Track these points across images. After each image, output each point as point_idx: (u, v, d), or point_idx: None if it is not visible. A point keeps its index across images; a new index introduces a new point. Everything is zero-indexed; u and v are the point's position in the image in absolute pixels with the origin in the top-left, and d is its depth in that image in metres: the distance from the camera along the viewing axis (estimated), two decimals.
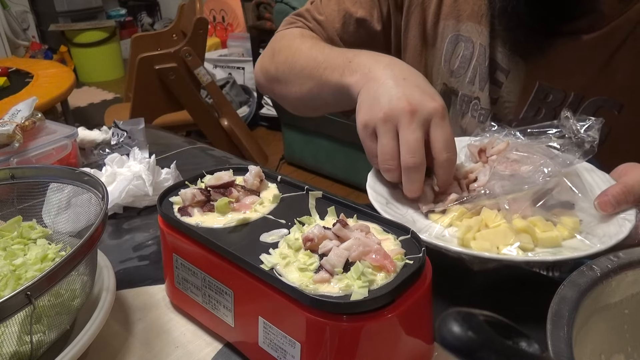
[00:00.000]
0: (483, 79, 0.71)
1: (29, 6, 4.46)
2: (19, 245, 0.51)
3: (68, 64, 4.22)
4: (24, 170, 0.55)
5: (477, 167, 0.60)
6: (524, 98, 0.69)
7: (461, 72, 0.74)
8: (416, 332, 0.40)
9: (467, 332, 0.22)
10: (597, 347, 0.36)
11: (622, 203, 0.50)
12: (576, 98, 0.65)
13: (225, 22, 3.98)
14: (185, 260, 0.47)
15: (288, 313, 0.38)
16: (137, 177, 0.71)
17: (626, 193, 0.50)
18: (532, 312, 0.40)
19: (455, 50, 0.74)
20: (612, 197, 0.50)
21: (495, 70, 0.71)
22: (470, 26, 0.71)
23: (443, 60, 0.75)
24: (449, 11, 0.73)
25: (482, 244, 0.48)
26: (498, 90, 0.71)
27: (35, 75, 2.42)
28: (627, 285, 0.37)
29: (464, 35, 0.72)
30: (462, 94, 0.75)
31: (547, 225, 0.51)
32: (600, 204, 0.50)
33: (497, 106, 0.72)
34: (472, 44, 0.72)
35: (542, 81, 0.67)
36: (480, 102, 0.72)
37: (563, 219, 0.51)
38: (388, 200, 0.57)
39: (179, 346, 0.48)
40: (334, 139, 2.39)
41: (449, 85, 0.76)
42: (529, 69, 0.68)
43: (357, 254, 0.39)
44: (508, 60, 0.69)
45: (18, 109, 0.79)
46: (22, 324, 0.39)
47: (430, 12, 0.75)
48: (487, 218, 0.52)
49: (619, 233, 0.47)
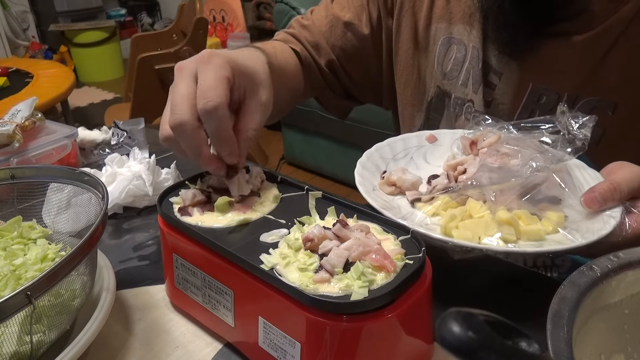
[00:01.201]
0: (477, 82, 0.71)
1: (29, 6, 4.46)
2: (19, 245, 0.51)
3: (68, 64, 4.22)
4: (24, 170, 0.55)
5: (468, 159, 0.60)
6: (518, 100, 0.69)
7: (454, 74, 0.74)
8: (416, 332, 0.40)
9: (467, 332, 0.22)
10: (597, 347, 0.36)
11: (609, 200, 0.49)
12: (570, 99, 0.65)
13: (225, 22, 3.98)
14: (185, 260, 0.47)
15: (288, 313, 0.38)
16: (137, 177, 0.71)
17: (612, 190, 0.49)
18: (532, 312, 0.40)
19: (448, 52, 0.74)
20: (598, 194, 0.50)
21: (488, 73, 0.71)
22: (462, 28, 0.71)
23: (436, 62, 0.75)
24: (440, 14, 0.73)
25: (464, 233, 0.48)
26: (492, 93, 0.71)
27: (35, 75, 2.42)
28: (627, 285, 0.37)
29: (456, 38, 0.72)
30: (455, 97, 0.75)
31: (531, 219, 0.51)
32: (586, 200, 0.50)
33: (491, 108, 0.71)
34: (464, 47, 0.72)
35: (535, 83, 0.67)
36: (474, 105, 0.72)
37: (548, 213, 0.51)
38: (375, 187, 0.58)
39: (179, 346, 0.48)
40: (334, 139, 2.39)
41: (442, 87, 0.76)
42: (521, 71, 0.68)
43: (357, 254, 0.39)
44: (501, 62, 0.69)
45: (18, 109, 0.79)
46: (22, 324, 0.39)
47: (422, 16, 0.75)
48: (471, 208, 0.52)
49: (602, 229, 0.47)
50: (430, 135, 0.67)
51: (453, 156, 0.63)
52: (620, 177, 0.51)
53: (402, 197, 0.57)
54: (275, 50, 0.76)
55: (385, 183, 0.58)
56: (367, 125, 2.10)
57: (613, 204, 0.50)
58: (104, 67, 4.47)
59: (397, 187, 0.58)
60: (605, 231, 0.47)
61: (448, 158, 0.63)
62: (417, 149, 0.66)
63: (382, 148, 0.64)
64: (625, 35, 0.61)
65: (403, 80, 0.79)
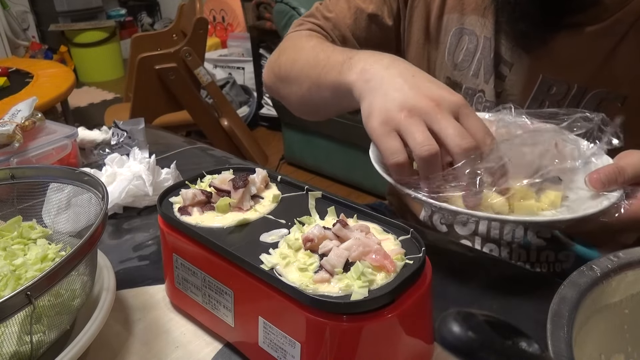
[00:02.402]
0: (488, 72, 0.72)
1: (29, 6, 4.45)
2: (19, 245, 0.51)
3: (68, 64, 4.22)
4: (24, 170, 0.55)
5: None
6: (528, 91, 0.69)
7: (465, 65, 0.74)
8: (416, 332, 0.40)
9: (467, 332, 0.22)
10: (597, 347, 0.36)
11: (612, 182, 0.50)
12: (579, 91, 0.66)
13: (225, 22, 3.98)
14: (185, 260, 0.47)
15: (288, 313, 0.38)
16: (137, 177, 0.71)
17: (617, 173, 0.50)
18: (532, 312, 0.40)
19: (460, 43, 0.74)
20: (603, 175, 0.50)
21: (499, 64, 0.71)
22: (474, 19, 0.72)
23: (447, 53, 0.76)
24: (453, 5, 0.74)
25: (455, 200, 0.50)
26: (502, 84, 0.72)
27: (35, 75, 2.42)
28: (627, 285, 0.37)
29: (468, 29, 0.73)
30: (465, 87, 0.75)
31: (527, 195, 0.51)
32: (590, 180, 0.51)
33: (500, 99, 0.72)
34: (475, 37, 0.72)
35: (545, 74, 0.68)
36: (485, 95, 0.73)
37: (547, 192, 0.52)
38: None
39: (179, 346, 0.48)
40: (334, 139, 2.39)
41: (452, 78, 0.76)
42: (532, 62, 0.68)
43: (357, 254, 0.39)
44: (511, 53, 0.70)
45: (18, 109, 0.79)
46: (22, 324, 0.39)
47: (435, 6, 0.75)
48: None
49: (589, 208, 0.48)
50: None
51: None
52: (626, 161, 0.51)
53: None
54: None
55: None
56: None
57: (616, 187, 0.50)
58: (104, 67, 4.46)
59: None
60: (592, 210, 0.47)
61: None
62: None
63: None
64: (635, 27, 0.61)
65: None
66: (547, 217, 0.49)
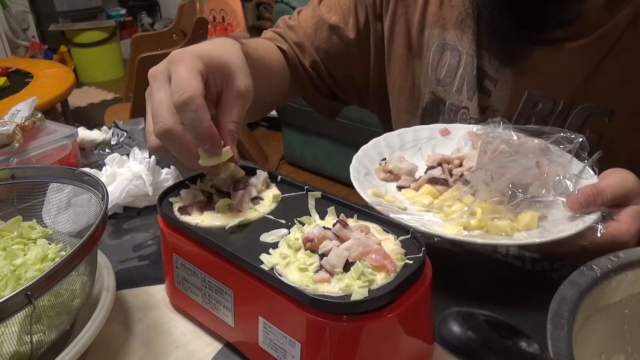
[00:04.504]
0: (471, 89, 0.71)
1: (29, 6, 4.46)
2: (19, 245, 0.51)
3: (68, 64, 4.22)
4: (24, 170, 0.55)
5: (469, 154, 0.60)
6: (513, 107, 0.68)
7: (448, 81, 0.73)
8: (416, 332, 0.40)
9: (467, 332, 0.22)
10: (597, 347, 0.36)
11: (591, 204, 0.49)
12: (565, 106, 0.65)
13: (225, 22, 3.98)
14: (185, 260, 0.47)
15: (288, 313, 0.38)
16: (137, 177, 0.71)
17: (595, 195, 0.49)
18: (532, 312, 0.40)
19: (442, 59, 0.73)
20: (581, 197, 0.49)
21: (483, 79, 0.70)
22: (456, 34, 0.71)
23: (430, 69, 0.75)
24: (433, 20, 0.72)
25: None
26: (487, 99, 0.71)
27: (35, 75, 2.42)
28: (627, 285, 0.37)
29: (450, 44, 0.72)
30: (449, 103, 0.74)
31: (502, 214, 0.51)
32: (568, 202, 0.50)
33: (486, 115, 0.71)
34: (458, 53, 0.71)
35: (530, 89, 0.67)
36: (469, 112, 0.72)
37: (523, 213, 0.51)
38: (368, 172, 0.60)
39: (179, 346, 0.48)
40: (334, 139, 2.39)
41: (437, 94, 0.75)
42: (517, 78, 0.67)
43: (357, 254, 0.39)
44: (496, 69, 0.69)
45: (18, 109, 0.79)
46: (22, 324, 0.39)
47: (415, 21, 0.74)
48: (446, 199, 0.53)
49: (563, 231, 0.47)
50: (443, 128, 0.68)
51: (458, 150, 0.63)
52: (606, 183, 0.51)
53: (394, 183, 0.59)
54: (258, 45, 0.75)
55: (381, 170, 0.60)
56: (367, 125, 2.09)
57: (595, 208, 0.49)
58: (104, 67, 4.47)
59: (393, 174, 0.59)
60: (567, 233, 0.47)
61: (453, 152, 0.63)
62: (428, 141, 0.67)
63: (391, 137, 0.66)
64: (621, 41, 0.60)
65: (397, 86, 0.79)
66: (519, 239, 0.48)
